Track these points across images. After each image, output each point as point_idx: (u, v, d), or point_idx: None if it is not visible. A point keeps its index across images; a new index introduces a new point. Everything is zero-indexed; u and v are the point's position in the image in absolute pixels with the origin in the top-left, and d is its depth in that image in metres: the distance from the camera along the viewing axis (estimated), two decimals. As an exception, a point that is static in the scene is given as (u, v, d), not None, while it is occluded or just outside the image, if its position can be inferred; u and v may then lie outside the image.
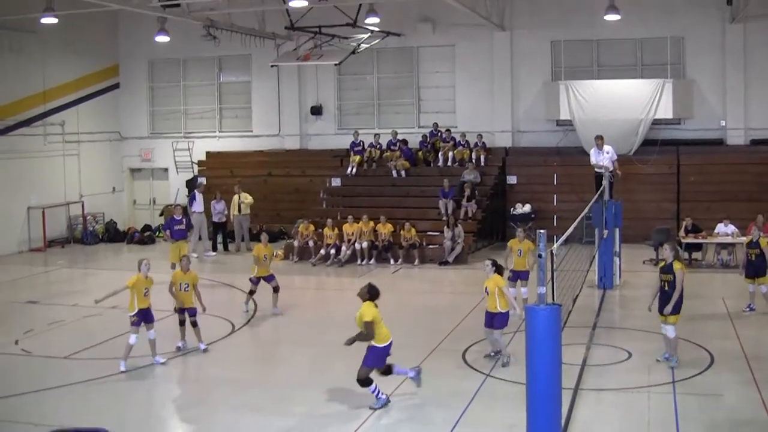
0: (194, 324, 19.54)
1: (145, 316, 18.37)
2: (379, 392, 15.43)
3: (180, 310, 19.62)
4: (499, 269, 17.91)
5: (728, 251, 30.15)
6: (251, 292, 23.58)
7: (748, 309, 22.55)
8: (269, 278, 23.66)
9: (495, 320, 17.89)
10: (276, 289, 23.58)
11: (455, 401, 15.54)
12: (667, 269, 17.56)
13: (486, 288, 17.88)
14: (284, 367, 18.93)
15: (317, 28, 35.30)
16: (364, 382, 15.29)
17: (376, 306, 15.48)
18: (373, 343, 15.39)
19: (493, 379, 16.93)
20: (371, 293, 15.63)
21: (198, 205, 34.44)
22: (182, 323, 19.68)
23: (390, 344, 15.54)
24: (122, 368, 18.02)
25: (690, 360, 17.99)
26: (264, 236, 24.82)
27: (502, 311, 17.78)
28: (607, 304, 24.22)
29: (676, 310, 17.48)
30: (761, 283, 22.26)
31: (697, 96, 36.96)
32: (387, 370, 15.73)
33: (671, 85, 35.70)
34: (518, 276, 22.50)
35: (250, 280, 23.64)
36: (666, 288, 17.55)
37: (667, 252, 17.77)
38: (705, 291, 25.37)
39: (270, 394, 16.38)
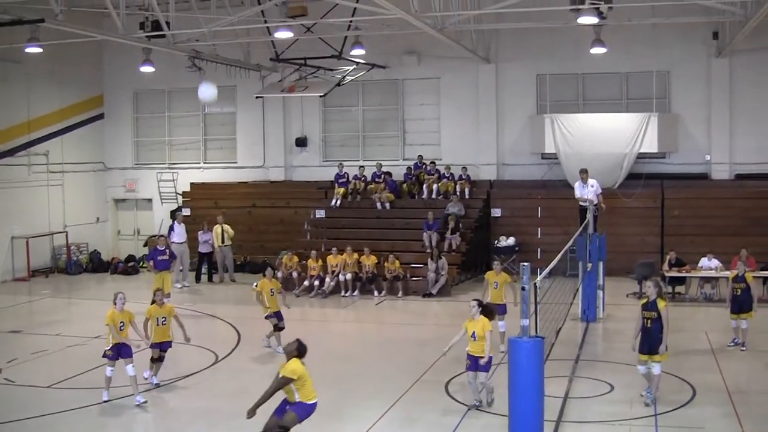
0: (162, 359, 19.40)
1: (120, 351, 18.03)
2: None
3: (154, 345, 19.29)
4: (485, 310, 17.30)
5: (712, 285, 30.20)
6: (277, 328, 22.78)
7: (733, 344, 22.48)
8: (278, 315, 22.95)
9: (481, 364, 17.09)
10: (281, 329, 22.75)
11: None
12: (651, 306, 17.44)
13: (473, 333, 17.05)
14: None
15: (302, 59, 35.38)
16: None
17: (303, 363, 13.92)
18: (299, 399, 13.79)
19: (476, 411, 16.83)
20: (299, 350, 13.98)
21: (177, 236, 34.28)
22: (157, 359, 19.41)
23: (315, 405, 13.94)
24: (105, 398, 17.91)
25: (672, 393, 17.94)
26: (269, 271, 23.88)
27: (490, 355, 17.03)
28: (590, 337, 24.19)
29: (659, 348, 17.34)
30: (744, 318, 22.24)
31: (682, 130, 37.08)
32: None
33: (656, 119, 35.83)
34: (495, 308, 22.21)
35: (267, 317, 22.92)
36: (649, 325, 17.37)
37: (650, 289, 17.66)
38: (688, 325, 25.37)
39: (252, 427, 16.21)
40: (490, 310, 17.05)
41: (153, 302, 19.24)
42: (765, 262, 29.93)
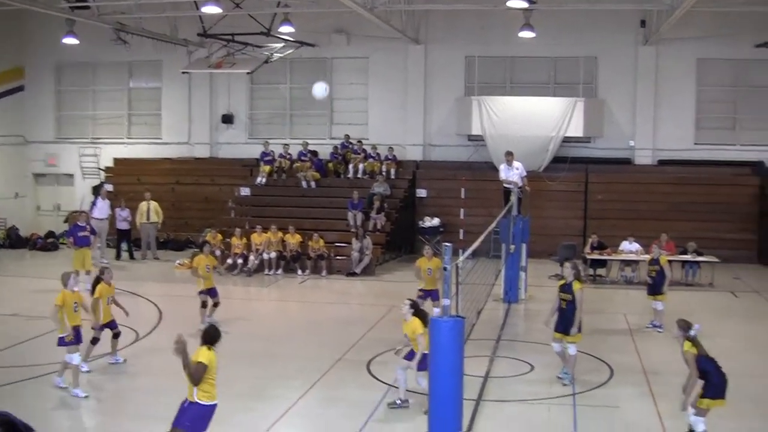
0: (117, 335, 18.93)
1: (79, 335, 16.96)
2: None
3: (104, 326, 18.54)
4: (418, 313, 16.04)
5: (632, 268, 30.59)
6: (204, 305, 22.49)
7: (650, 326, 22.75)
8: (212, 292, 22.70)
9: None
10: (216, 304, 22.63)
11: (358, 411, 15.40)
12: (567, 288, 17.55)
13: (405, 334, 16.17)
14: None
15: (230, 35, 35.12)
16: None
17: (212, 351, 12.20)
18: (196, 398, 11.92)
19: (397, 389, 16.82)
20: (205, 337, 12.25)
21: (99, 212, 33.64)
22: (114, 337, 18.81)
23: (214, 407, 12.12)
24: (81, 394, 16.41)
25: (590, 373, 18.12)
26: (207, 247, 23.87)
27: (425, 352, 15.66)
28: (511, 317, 24.32)
29: (578, 329, 17.50)
30: (658, 300, 22.56)
31: (608, 115, 37.54)
32: None
33: (583, 104, 36.22)
34: (429, 295, 22.02)
35: (200, 293, 22.59)
36: (564, 306, 17.51)
37: (567, 271, 17.83)
38: (607, 306, 25.67)
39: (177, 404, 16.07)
40: (423, 314, 16.35)
41: (100, 280, 18.77)
42: (684, 246, 30.32)
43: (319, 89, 27.51)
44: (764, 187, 35.91)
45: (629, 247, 30.62)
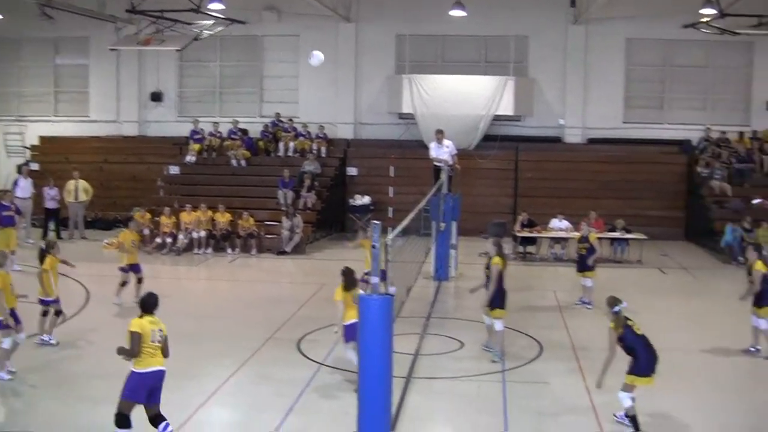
0: (59, 313, 18.49)
1: (17, 318, 16.32)
2: None
3: (50, 300, 18.20)
4: (347, 280, 15.93)
5: (561, 245, 30.82)
6: (124, 283, 22.29)
7: (579, 302, 22.94)
8: (136, 268, 22.52)
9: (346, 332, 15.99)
10: (140, 280, 22.35)
11: (289, 389, 15.33)
12: (489, 264, 17.82)
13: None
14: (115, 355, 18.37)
15: (159, 12, 34.65)
16: (119, 421, 12.20)
17: (152, 321, 12.53)
18: (132, 366, 12.27)
19: (327, 367, 16.81)
20: (143, 304, 12.71)
21: (22, 191, 32.80)
22: (57, 313, 18.39)
23: (155, 374, 12.34)
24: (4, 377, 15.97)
25: (520, 350, 18.26)
26: (133, 222, 23.96)
27: (345, 323, 15.72)
28: (441, 295, 24.39)
29: (497, 304, 17.65)
30: (587, 277, 22.74)
31: (538, 94, 37.86)
32: (153, 419, 12.40)
33: (513, 82, 36.43)
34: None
35: (121, 269, 22.39)
36: (485, 282, 17.87)
37: (489, 247, 18.04)
38: (537, 283, 25.88)
39: (104, 383, 15.89)
40: (351, 280, 16.35)
41: (48, 253, 18.47)
42: (612, 224, 30.61)
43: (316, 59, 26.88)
44: (691, 166, 36.35)
45: (559, 225, 30.86)
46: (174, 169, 36.86)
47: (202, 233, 31.46)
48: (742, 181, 34.94)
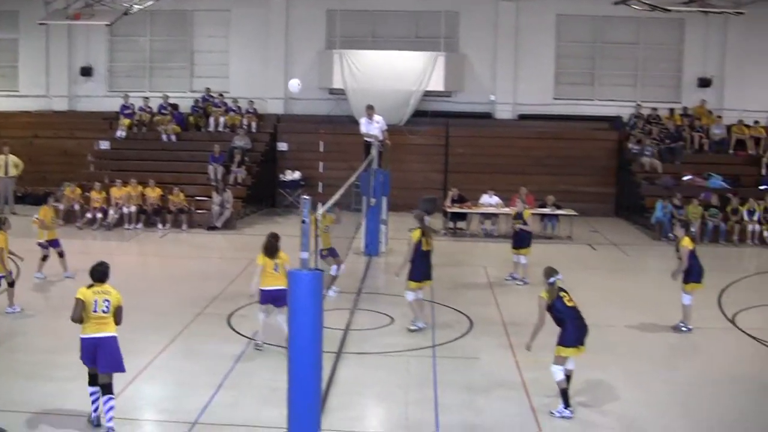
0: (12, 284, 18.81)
1: None
2: (95, 407, 12.74)
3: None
4: (266, 245, 16.29)
5: (491, 221, 30.93)
6: (45, 258, 22.24)
7: (510, 278, 23.02)
8: (55, 243, 22.42)
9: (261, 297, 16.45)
10: (61, 254, 22.37)
11: (219, 365, 15.27)
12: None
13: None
14: (48, 333, 18.16)
15: (89, -15, 34.23)
16: (89, 379, 12.71)
17: (97, 290, 12.81)
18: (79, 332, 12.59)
19: (257, 343, 16.73)
20: (90, 273, 13.13)
21: None
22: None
23: (94, 341, 12.50)
24: None
25: (450, 325, 18.31)
26: (51, 198, 23.94)
27: (262, 288, 16.24)
28: (372, 270, 24.42)
29: (409, 276, 18.14)
30: (521, 254, 22.83)
31: (469, 70, 37.87)
32: (102, 388, 12.55)
33: (444, 58, 36.38)
34: (330, 254, 21.60)
35: (40, 245, 22.24)
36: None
37: (413, 221, 18.47)
38: (468, 259, 25.97)
39: (33, 359, 15.70)
40: (271, 246, 16.44)
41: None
42: (543, 200, 30.77)
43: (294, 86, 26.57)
44: (622, 142, 36.65)
45: (489, 201, 30.96)
46: (104, 144, 36.36)
47: (133, 208, 31.16)
48: (673, 158, 35.29)
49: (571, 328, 13.39)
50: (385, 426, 13.39)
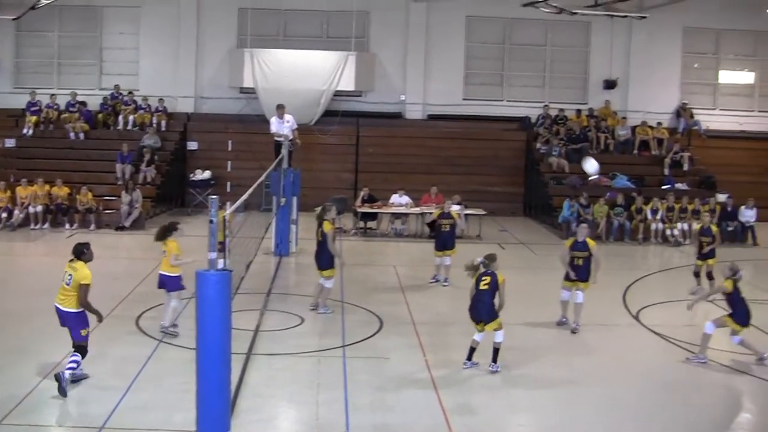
0: None
1: None
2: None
3: None
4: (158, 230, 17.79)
5: (402, 221, 31.05)
6: None
7: (434, 280, 23.03)
8: None
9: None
10: None
11: (128, 367, 15.11)
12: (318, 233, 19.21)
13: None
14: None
15: (-7, -21, 33.72)
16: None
17: (68, 265, 14.37)
18: None
19: (166, 344, 16.64)
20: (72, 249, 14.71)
21: None
22: None
23: (56, 309, 14.32)
24: None
25: (360, 325, 18.38)
26: None
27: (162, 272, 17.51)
28: (282, 270, 24.36)
29: (326, 264, 19.06)
30: (448, 255, 22.80)
31: (379, 70, 38.10)
32: (75, 348, 14.34)
33: (354, 58, 36.48)
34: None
35: None
36: (317, 246, 19.33)
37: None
38: (378, 259, 26.02)
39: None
40: (161, 231, 17.51)
41: None
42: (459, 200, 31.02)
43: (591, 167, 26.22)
44: (530, 142, 37.10)
45: (399, 200, 31.11)
46: (9, 142, 35.77)
47: (39, 208, 30.75)
48: (579, 158, 35.74)
49: (473, 306, 15.32)
50: (296, 427, 13.41)
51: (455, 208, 29.10)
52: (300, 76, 36.02)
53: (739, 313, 16.29)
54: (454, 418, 13.30)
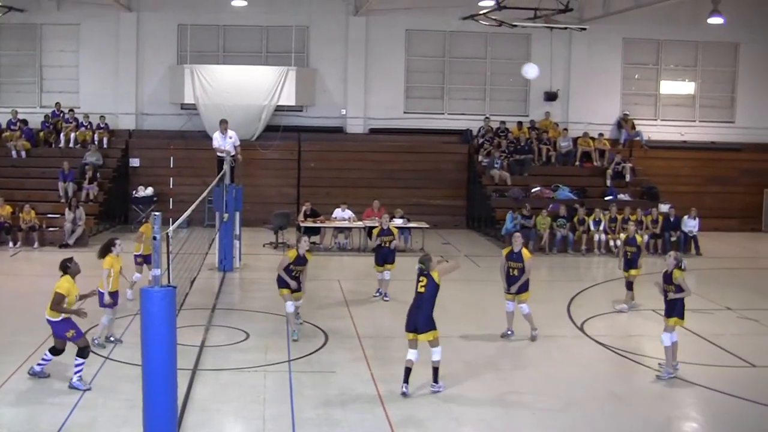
0: None
1: None
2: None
3: None
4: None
5: (345, 235, 31.19)
6: None
7: (378, 294, 23.09)
8: None
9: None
10: None
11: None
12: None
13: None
14: None
15: (-68, -3, 33.42)
16: None
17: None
18: None
19: (113, 361, 16.63)
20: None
21: None
22: None
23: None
24: None
25: (306, 340, 18.45)
26: None
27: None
28: (226, 286, 24.36)
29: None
30: (388, 269, 22.88)
31: (320, 84, 38.28)
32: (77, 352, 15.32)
33: (294, 73, 36.67)
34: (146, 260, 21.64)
35: None
36: None
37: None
38: (322, 273, 26.02)
39: None
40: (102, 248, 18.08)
41: None
42: (392, 213, 31.17)
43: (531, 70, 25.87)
44: (472, 155, 37.38)
45: (342, 215, 31.25)
46: (-48, 161, 35.50)
47: (-19, 227, 30.55)
48: (521, 169, 36.19)
49: (410, 312, 15.02)
50: (243, 442, 13.48)
51: (398, 222, 29.43)
52: (241, 91, 36.12)
53: (681, 304, 16.50)
54: (401, 431, 13.45)
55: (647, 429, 14.09)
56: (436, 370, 15.03)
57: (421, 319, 14.82)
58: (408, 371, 14.79)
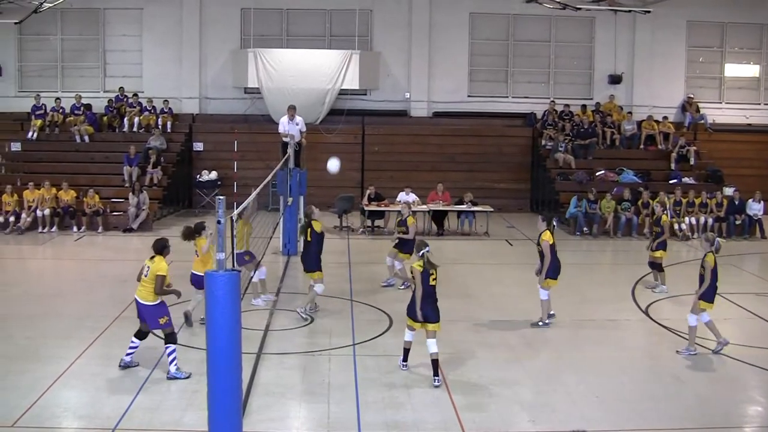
0: None
1: None
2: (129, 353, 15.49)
3: None
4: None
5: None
6: None
7: (386, 283, 22.48)
8: None
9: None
10: None
11: (138, 369, 15.14)
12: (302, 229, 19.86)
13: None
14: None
15: (-4, -17, 33.70)
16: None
17: (150, 260, 15.28)
18: None
19: (177, 346, 16.59)
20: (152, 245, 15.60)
21: None
22: None
23: (136, 301, 15.32)
24: None
25: (370, 324, 18.39)
26: None
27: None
28: (291, 270, 24.26)
29: (314, 266, 19.06)
30: (401, 258, 22.09)
31: (383, 68, 38.08)
32: (165, 338, 15.37)
33: (358, 56, 36.44)
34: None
35: None
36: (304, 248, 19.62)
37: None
38: (383, 257, 25.89)
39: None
40: (186, 231, 17.42)
41: None
42: (460, 196, 31.06)
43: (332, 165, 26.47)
44: (536, 139, 37.09)
45: (406, 198, 31.00)
46: (15, 146, 35.74)
47: (46, 211, 30.76)
48: (586, 153, 35.78)
49: (423, 303, 14.63)
50: (307, 426, 13.35)
51: (410, 199, 29.45)
52: (304, 75, 35.99)
53: (711, 289, 16.41)
54: (465, 414, 13.32)
55: (710, 411, 13.89)
56: (435, 362, 14.66)
57: (436, 311, 14.78)
58: (408, 351, 15.26)
